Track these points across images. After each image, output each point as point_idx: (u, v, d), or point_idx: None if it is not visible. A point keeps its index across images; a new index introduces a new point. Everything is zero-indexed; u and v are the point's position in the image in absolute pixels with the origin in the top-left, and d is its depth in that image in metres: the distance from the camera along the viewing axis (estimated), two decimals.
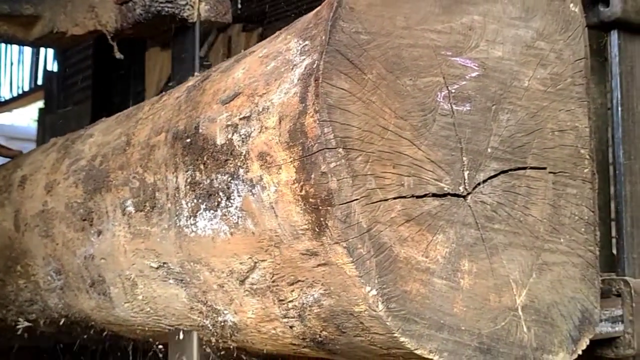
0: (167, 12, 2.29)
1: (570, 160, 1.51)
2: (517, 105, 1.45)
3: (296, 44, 1.36)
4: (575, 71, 1.54)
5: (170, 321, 1.79)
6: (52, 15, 2.68)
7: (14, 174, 2.41)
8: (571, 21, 1.55)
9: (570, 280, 1.47)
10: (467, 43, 1.41)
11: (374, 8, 1.32)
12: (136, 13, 2.34)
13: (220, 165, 1.47)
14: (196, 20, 2.30)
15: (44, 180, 2.17)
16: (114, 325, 2.04)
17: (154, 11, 2.30)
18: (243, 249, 1.46)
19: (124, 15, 2.40)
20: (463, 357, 1.32)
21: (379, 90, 1.30)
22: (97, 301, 1.99)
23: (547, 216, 1.46)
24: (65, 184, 2.04)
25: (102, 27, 2.48)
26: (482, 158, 1.39)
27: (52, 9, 2.68)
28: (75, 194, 1.98)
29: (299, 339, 1.46)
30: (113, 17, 2.44)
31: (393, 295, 1.26)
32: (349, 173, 1.26)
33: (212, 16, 2.33)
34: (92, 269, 1.95)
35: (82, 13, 2.56)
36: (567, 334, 1.45)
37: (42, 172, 2.20)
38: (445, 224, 1.34)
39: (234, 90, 1.48)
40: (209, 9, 2.33)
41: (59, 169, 2.11)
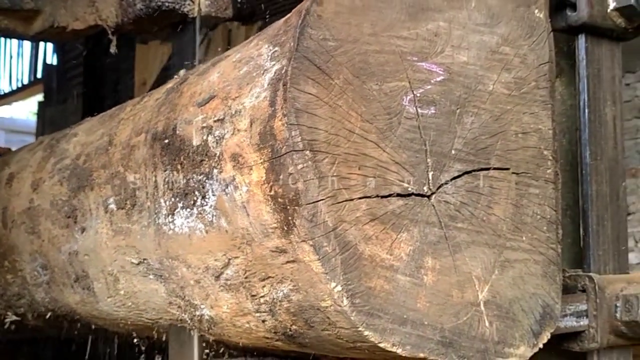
0: (168, 7, 2.30)
1: (533, 162, 1.56)
2: (482, 108, 1.51)
3: (267, 50, 1.42)
4: (540, 75, 1.60)
5: (150, 315, 1.85)
6: (53, 9, 2.69)
7: (1, 172, 2.47)
8: (536, 27, 1.61)
9: (532, 276, 1.53)
10: (433, 49, 1.47)
11: (341, 16, 1.38)
12: (137, 8, 2.36)
13: (196, 166, 1.53)
14: (196, 15, 2.32)
15: (30, 178, 2.23)
16: (98, 319, 2.10)
17: (154, 6, 2.32)
18: (217, 247, 1.52)
19: (124, 10, 2.41)
20: (425, 350, 1.38)
21: (345, 95, 1.35)
22: (82, 296, 2.05)
23: (510, 215, 1.52)
24: (50, 182, 2.10)
25: (103, 21, 2.50)
26: (446, 159, 1.45)
27: (52, 4, 2.69)
28: (60, 192, 2.04)
29: (271, 333, 1.52)
30: (113, 11, 2.46)
31: (357, 291, 1.32)
32: (316, 174, 1.31)
33: (212, 11, 2.35)
34: (76, 265, 2.01)
35: (82, 7, 2.58)
36: (528, 328, 1.50)
37: (29, 170, 2.26)
38: (410, 222, 1.39)
39: (209, 93, 1.54)
40: (209, 4, 2.34)
41: (44, 167, 2.17)
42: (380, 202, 1.37)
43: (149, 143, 1.69)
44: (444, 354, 1.40)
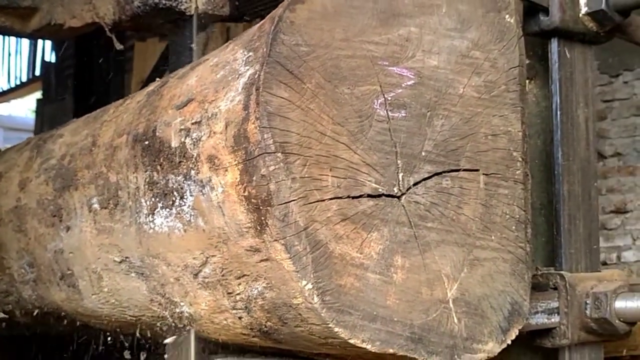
0: (165, 4, 2.31)
1: (503, 163, 1.61)
2: (452, 111, 1.55)
3: (242, 55, 1.46)
4: (509, 79, 1.64)
5: (133, 312, 1.89)
6: (50, 7, 2.70)
7: None
8: (506, 31, 1.65)
9: (501, 274, 1.57)
10: (404, 53, 1.51)
11: (313, 22, 1.42)
12: (134, 5, 2.37)
13: (175, 167, 1.57)
14: (194, 12, 2.33)
15: (17, 178, 2.27)
16: (84, 315, 2.14)
17: (151, 3, 2.33)
18: (195, 245, 1.56)
19: (121, 8, 2.43)
20: (395, 346, 1.42)
21: (317, 99, 1.40)
22: (67, 293, 2.10)
23: (479, 215, 1.56)
24: (37, 182, 2.15)
25: (100, 19, 2.51)
26: (416, 161, 1.49)
27: (49, 1, 2.70)
28: (46, 191, 2.09)
29: (247, 329, 1.57)
30: (111, 9, 2.47)
31: (328, 289, 1.37)
32: (287, 176, 1.36)
33: (209, 9, 2.37)
34: (61, 263, 2.06)
35: (79, 5, 2.59)
36: (496, 324, 1.55)
37: (16, 169, 2.30)
38: (380, 222, 1.44)
39: (188, 96, 1.58)
40: (206, 1, 2.36)
41: (31, 167, 2.21)
42: (351, 202, 1.41)
43: (131, 144, 1.73)
44: (413, 349, 1.44)
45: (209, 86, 1.52)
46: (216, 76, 1.52)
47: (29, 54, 11.24)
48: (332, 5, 1.45)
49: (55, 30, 2.73)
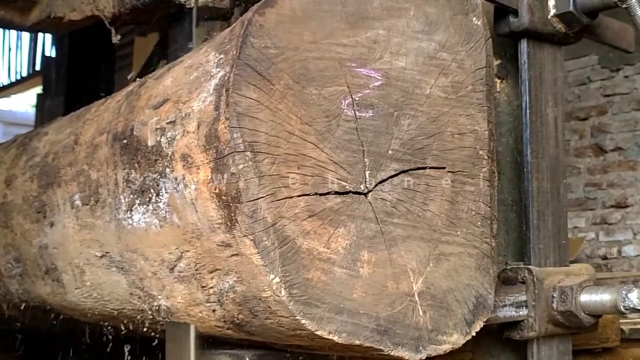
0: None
1: (469, 161, 1.66)
2: (419, 111, 1.60)
3: (214, 57, 1.51)
4: (476, 79, 1.69)
5: (114, 305, 1.95)
6: (50, 0, 2.70)
7: None
8: (473, 33, 1.70)
9: (466, 269, 1.63)
10: (372, 55, 1.56)
11: (282, 25, 1.47)
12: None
13: (151, 165, 1.63)
14: (193, 5, 2.35)
15: (4, 175, 2.32)
16: (68, 309, 2.19)
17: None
18: (171, 240, 1.62)
19: (121, 1, 2.42)
20: (361, 337, 1.48)
21: (285, 99, 1.45)
22: (52, 287, 2.15)
23: (445, 211, 1.62)
24: (22, 179, 2.20)
25: (100, 12, 2.50)
26: (383, 159, 1.54)
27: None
28: (31, 188, 2.14)
29: (221, 322, 1.62)
30: (110, 2, 2.46)
31: (295, 282, 1.42)
32: (256, 174, 1.41)
33: (209, 2, 2.37)
34: (46, 258, 2.11)
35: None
36: (461, 317, 1.60)
37: (3, 167, 2.36)
38: (347, 218, 1.49)
39: (163, 97, 1.63)
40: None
41: (17, 164, 2.26)
42: (319, 199, 1.47)
43: (110, 143, 1.79)
44: (379, 341, 1.49)
45: (183, 87, 1.58)
46: (190, 77, 1.57)
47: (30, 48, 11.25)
48: (301, 9, 1.50)
49: (55, 23, 2.72)
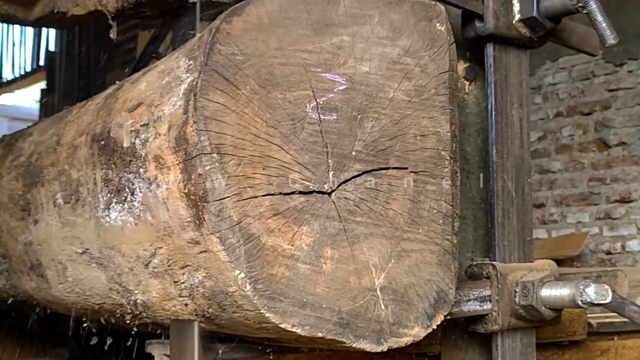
0: None
1: (431, 161, 1.73)
2: (382, 113, 1.67)
3: (184, 63, 1.59)
4: (439, 83, 1.76)
5: (96, 300, 2.03)
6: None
7: None
8: (437, 39, 1.77)
9: (427, 265, 1.70)
10: (336, 60, 1.63)
11: (249, 32, 1.54)
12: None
13: (126, 165, 1.70)
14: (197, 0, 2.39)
15: None
16: (53, 303, 2.27)
17: None
18: (145, 238, 1.69)
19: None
20: (324, 330, 1.55)
21: (251, 104, 1.52)
22: (37, 282, 2.23)
23: (407, 210, 1.69)
24: (8, 178, 2.28)
25: (103, 7, 2.54)
26: (346, 160, 1.62)
27: None
28: (16, 187, 2.22)
29: (193, 315, 1.70)
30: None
31: (260, 278, 1.49)
32: (222, 174, 1.48)
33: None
34: (31, 254, 2.19)
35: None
36: (422, 311, 1.68)
37: None
38: (310, 217, 1.56)
39: (138, 100, 1.71)
40: None
41: (3, 164, 2.34)
42: (283, 198, 1.54)
43: (89, 144, 1.86)
44: (341, 333, 1.57)
45: (156, 91, 1.65)
46: (162, 82, 1.64)
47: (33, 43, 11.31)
48: (268, 17, 1.57)
49: (59, 18, 2.75)
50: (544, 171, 7.31)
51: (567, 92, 7.19)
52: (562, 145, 7.21)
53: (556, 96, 7.28)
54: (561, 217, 7.15)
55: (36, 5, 2.82)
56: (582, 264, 6.57)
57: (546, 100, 7.35)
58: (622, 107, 6.83)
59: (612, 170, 6.89)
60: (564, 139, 7.20)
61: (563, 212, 7.14)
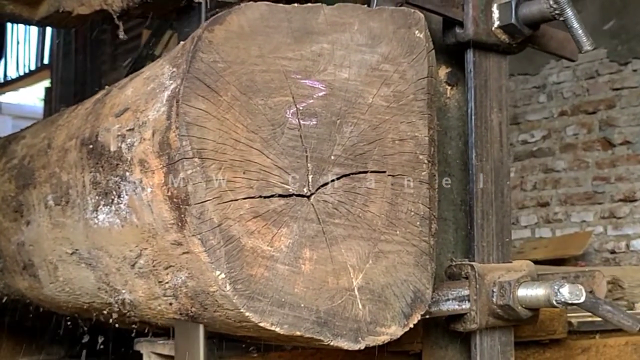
0: None
1: (409, 165, 1.78)
2: (361, 119, 1.72)
3: (168, 70, 1.64)
4: (418, 89, 1.81)
5: (85, 299, 2.08)
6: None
7: None
8: (416, 46, 1.82)
9: (405, 265, 1.75)
10: (316, 67, 1.68)
11: (230, 41, 1.60)
12: None
13: (113, 169, 1.75)
14: None
15: None
16: (45, 302, 2.33)
17: None
18: (131, 239, 1.75)
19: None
20: (302, 329, 1.60)
21: (232, 110, 1.58)
22: (29, 282, 2.29)
23: (385, 212, 1.74)
24: (1, 180, 2.33)
25: (108, 6, 2.56)
26: (325, 164, 1.67)
27: None
28: (9, 189, 2.27)
29: (177, 314, 1.75)
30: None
31: (239, 278, 1.55)
32: (204, 178, 1.54)
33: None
34: (23, 254, 2.24)
35: None
36: (399, 310, 1.73)
37: None
38: (290, 219, 1.62)
39: (124, 105, 1.76)
40: None
41: None
42: (263, 201, 1.59)
43: (78, 147, 1.91)
44: (319, 332, 1.62)
45: (142, 97, 1.70)
46: (147, 88, 1.70)
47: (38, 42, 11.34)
48: (249, 25, 1.62)
49: (64, 17, 2.77)
50: (548, 170, 7.32)
51: (571, 91, 7.19)
52: (566, 144, 7.21)
53: (560, 95, 7.28)
54: (565, 216, 7.16)
55: (41, 5, 2.84)
56: (586, 263, 6.57)
57: (550, 99, 7.36)
58: (626, 106, 6.84)
59: (617, 169, 6.90)
60: (568, 138, 7.21)
61: (567, 211, 7.15)
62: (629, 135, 6.79)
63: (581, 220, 7.09)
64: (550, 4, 1.96)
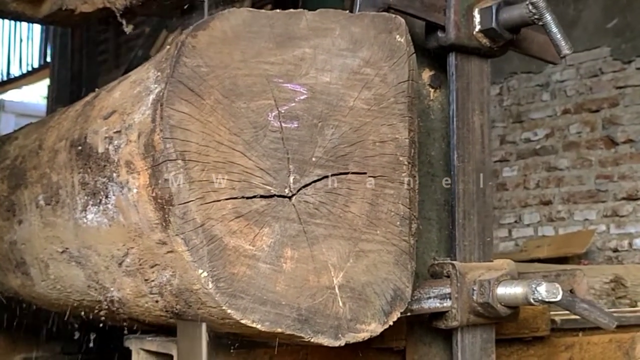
0: None
1: (390, 166, 1.82)
2: (342, 121, 1.77)
3: (153, 74, 1.69)
4: (398, 92, 1.85)
5: (76, 297, 2.13)
6: None
7: None
8: (396, 50, 1.86)
9: (385, 264, 1.79)
10: (298, 71, 1.73)
11: (213, 46, 1.64)
12: None
13: (101, 170, 1.80)
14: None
15: None
16: (37, 300, 2.38)
17: None
18: (119, 238, 1.79)
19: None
20: (283, 326, 1.65)
21: (215, 113, 1.62)
22: (22, 280, 2.33)
23: (366, 212, 1.78)
24: None
25: (111, 4, 2.59)
26: (307, 166, 1.71)
27: None
28: (2, 189, 2.32)
29: (163, 311, 1.80)
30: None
31: (222, 276, 1.59)
32: (187, 180, 1.58)
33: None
34: (16, 253, 2.29)
35: None
36: (379, 308, 1.77)
37: None
38: (271, 219, 1.66)
39: (112, 108, 1.81)
40: None
41: None
42: (245, 202, 1.64)
43: (68, 149, 1.96)
44: (300, 329, 1.66)
45: (128, 100, 1.75)
46: (134, 92, 1.74)
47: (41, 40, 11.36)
48: (232, 31, 1.67)
49: (67, 15, 2.78)
50: (551, 168, 7.34)
51: (574, 89, 7.20)
52: (569, 143, 7.23)
53: (564, 93, 7.29)
54: (568, 214, 7.18)
55: (44, 3, 2.85)
56: (589, 261, 6.58)
57: (554, 97, 7.36)
58: (630, 104, 6.85)
59: (620, 167, 6.90)
60: (571, 137, 7.22)
61: (570, 209, 7.17)
62: (632, 134, 6.80)
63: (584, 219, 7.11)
64: (529, 9, 2.00)
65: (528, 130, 7.53)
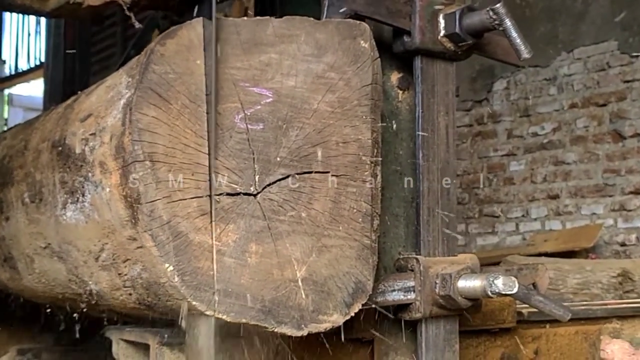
0: None
1: (352, 165, 1.91)
2: (306, 123, 1.86)
3: (125, 80, 1.79)
4: (362, 95, 1.94)
5: (59, 290, 2.24)
6: None
7: None
8: (361, 55, 1.95)
9: (347, 259, 1.89)
10: (264, 76, 1.82)
11: (181, 53, 1.74)
12: None
13: (78, 170, 1.90)
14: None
15: None
16: (25, 293, 2.49)
17: None
18: (94, 235, 1.89)
19: None
20: (247, 316, 1.74)
21: (182, 116, 1.72)
22: (10, 274, 2.44)
23: (329, 209, 1.87)
24: None
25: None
26: (271, 165, 1.81)
27: None
28: None
29: (137, 304, 1.90)
30: None
31: (187, 270, 1.69)
32: (154, 179, 1.68)
33: None
34: (4, 248, 2.40)
35: None
36: (341, 300, 1.87)
37: None
38: (237, 216, 1.76)
39: (89, 111, 1.91)
40: None
41: None
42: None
43: (50, 149, 2.07)
44: (264, 319, 1.76)
45: (103, 104, 1.85)
46: (108, 96, 1.84)
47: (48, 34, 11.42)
48: (199, 39, 1.76)
49: (74, 9, 2.79)
50: (558, 162, 7.35)
51: (582, 83, 7.20)
52: (576, 137, 7.24)
53: (571, 87, 7.29)
54: (576, 208, 7.20)
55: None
56: (597, 255, 6.59)
57: (561, 91, 7.36)
58: (637, 98, 6.83)
59: (627, 161, 6.89)
60: (578, 130, 7.23)
61: (578, 203, 7.19)
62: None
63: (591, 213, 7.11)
64: (490, 15, 2.09)
65: (535, 124, 7.53)
